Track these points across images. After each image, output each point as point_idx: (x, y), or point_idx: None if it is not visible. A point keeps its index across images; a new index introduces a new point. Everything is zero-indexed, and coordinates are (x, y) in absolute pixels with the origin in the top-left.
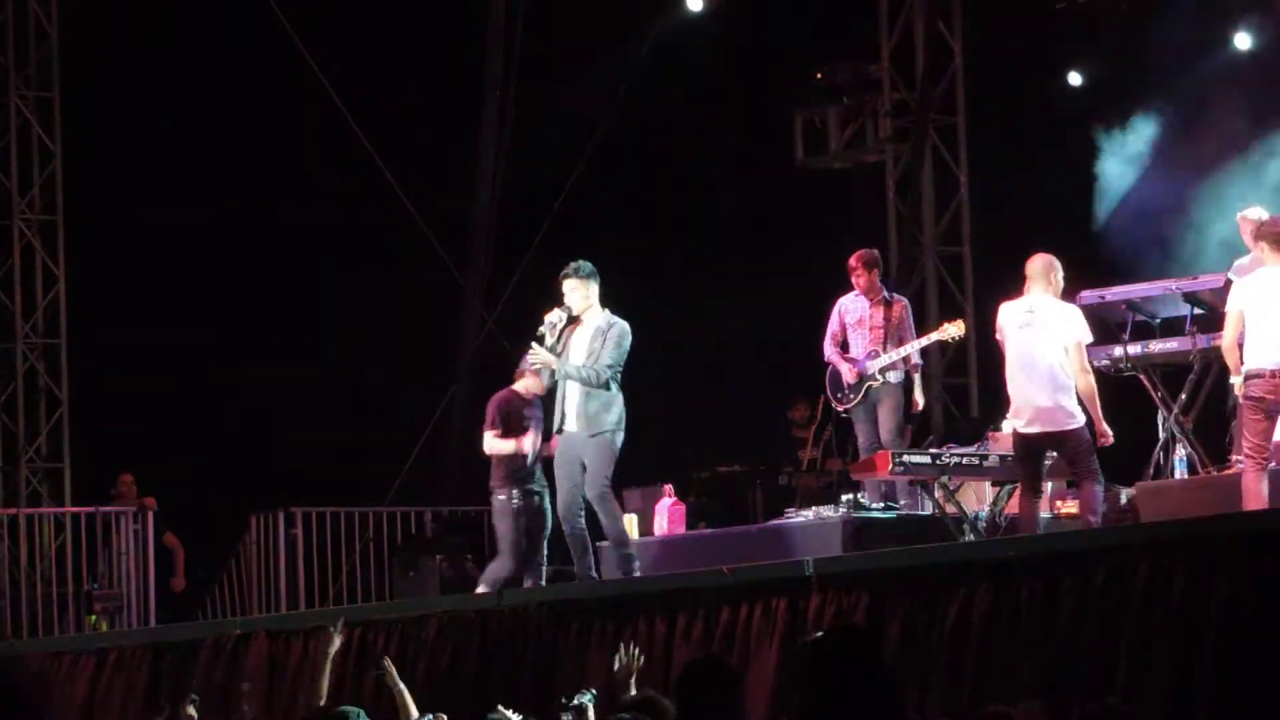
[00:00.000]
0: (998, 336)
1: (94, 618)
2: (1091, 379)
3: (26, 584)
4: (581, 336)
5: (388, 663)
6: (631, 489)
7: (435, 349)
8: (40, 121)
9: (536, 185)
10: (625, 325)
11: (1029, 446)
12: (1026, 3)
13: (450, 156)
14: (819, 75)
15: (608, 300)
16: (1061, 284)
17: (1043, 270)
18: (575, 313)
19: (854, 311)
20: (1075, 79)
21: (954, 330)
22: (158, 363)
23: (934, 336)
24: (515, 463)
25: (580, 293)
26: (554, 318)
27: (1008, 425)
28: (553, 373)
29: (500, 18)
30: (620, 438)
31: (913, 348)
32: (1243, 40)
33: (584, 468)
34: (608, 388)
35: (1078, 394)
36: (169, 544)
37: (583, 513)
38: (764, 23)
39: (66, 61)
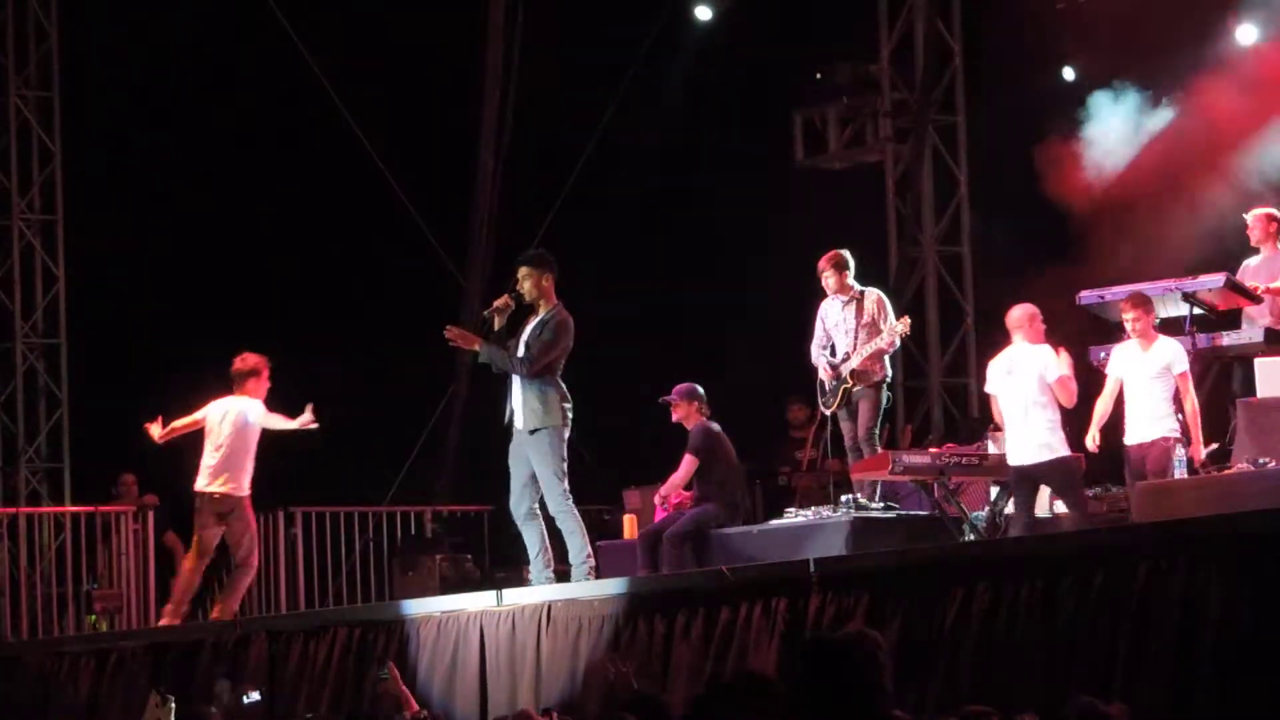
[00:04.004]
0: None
1: (94, 618)
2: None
3: (26, 584)
4: (530, 330)
5: (392, 668)
6: (631, 489)
7: (435, 349)
8: (40, 121)
9: (536, 184)
10: (565, 318)
11: None
12: (1026, 2)
13: (450, 156)
14: (819, 75)
15: (599, 296)
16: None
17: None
18: (527, 300)
19: (831, 315)
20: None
21: (900, 328)
22: (157, 362)
23: (880, 343)
24: None
25: (532, 280)
26: (500, 303)
27: None
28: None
29: (500, 17)
30: (563, 433)
31: (867, 352)
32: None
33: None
34: (543, 381)
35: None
36: (169, 544)
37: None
38: (764, 22)
39: (66, 61)
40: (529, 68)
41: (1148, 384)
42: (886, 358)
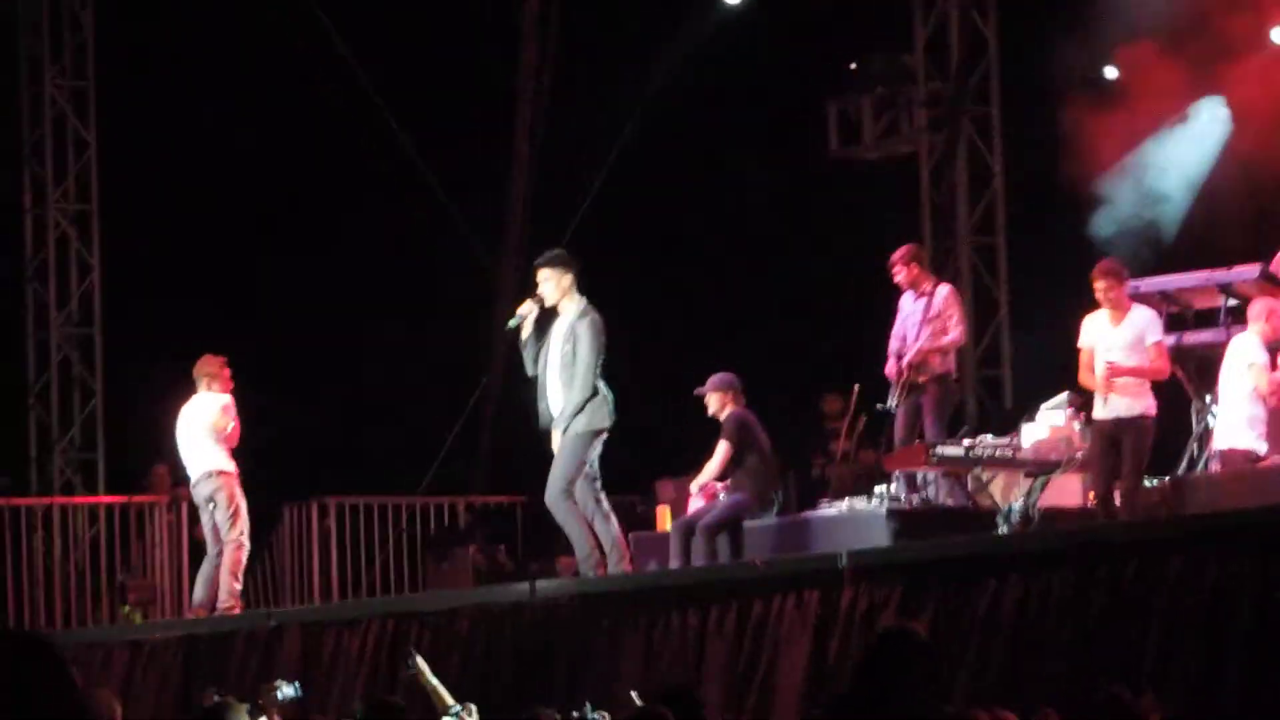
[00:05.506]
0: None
1: (127, 609)
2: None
3: (60, 575)
4: (557, 330)
5: (420, 660)
6: (665, 480)
7: (469, 340)
8: (75, 111)
9: (571, 176)
10: (596, 318)
11: None
12: None
13: (485, 147)
14: (853, 66)
15: (633, 287)
16: None
17: None
18: (549, 303)
19: (905, 307)
20: (1111, 71)
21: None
22: (191, 352)
23: (943, 338)
24: None
25: (553, 282)
26: (525, 309)
27: None
28: (535, 363)
29: (535, 8)
30: (597, 439)
31: (925, 344)
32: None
33: None
34: (595, 391)
35: None
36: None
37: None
38: (798, 13)
39: (101, 51)
40: (564, 59)
41: (1121, 356)
42: (952, 353)
